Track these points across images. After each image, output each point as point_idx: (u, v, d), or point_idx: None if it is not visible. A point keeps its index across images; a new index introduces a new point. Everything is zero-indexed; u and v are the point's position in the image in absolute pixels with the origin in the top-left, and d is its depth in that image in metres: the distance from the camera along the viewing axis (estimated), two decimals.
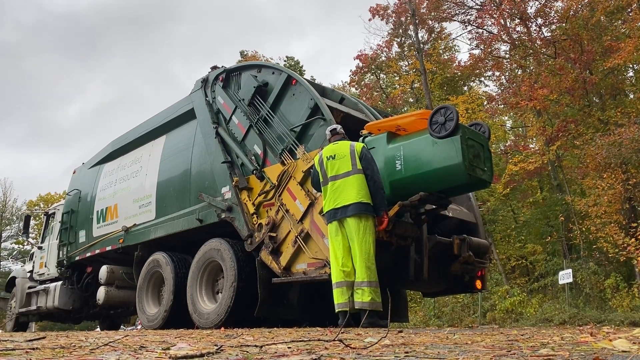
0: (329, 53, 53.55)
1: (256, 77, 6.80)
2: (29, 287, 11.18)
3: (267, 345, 2.31)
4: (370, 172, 4.92)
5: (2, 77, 57.77)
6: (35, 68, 59.61)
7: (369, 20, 25.86)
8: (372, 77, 27.59)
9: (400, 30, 24.38)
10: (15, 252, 35.84)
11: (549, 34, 18.70)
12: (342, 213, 4.86)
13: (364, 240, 4.74)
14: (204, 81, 7.72)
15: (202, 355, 1.78)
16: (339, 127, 5.37)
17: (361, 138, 5.56)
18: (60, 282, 10.17)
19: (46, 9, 60.21)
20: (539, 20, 18.95)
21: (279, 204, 5.95)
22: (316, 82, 11.07)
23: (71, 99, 61.81)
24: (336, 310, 4.83)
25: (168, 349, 2.25)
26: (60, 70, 61.70)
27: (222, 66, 7.63)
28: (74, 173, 11.05)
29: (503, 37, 19.44)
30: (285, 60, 29.45)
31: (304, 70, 29.82)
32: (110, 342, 2.75)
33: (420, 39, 23.23)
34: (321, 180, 5.12)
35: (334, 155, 5.05)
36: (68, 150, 60.30)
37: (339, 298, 4.79)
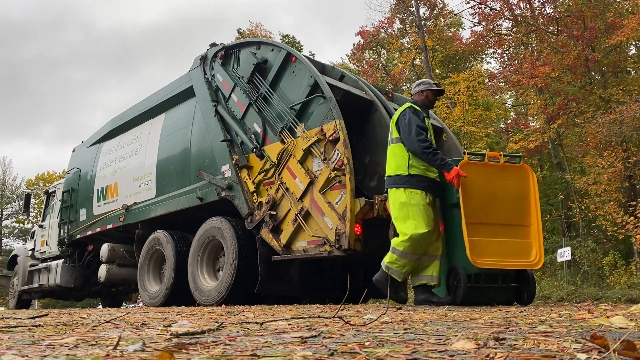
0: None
1: (255, 54, 6.71)
2: (31, 265, 11.25)
3: (267, 322, 2.33)
4: (404, 141, 4.64)
5: (47, 87, 62.46)
6: (77, 79, 63.52)
7: None
8: (373, 54, 27.29)
9: (402, 7, 24.03)
10: (17, 230, 35.97)
11: (552, 11, 18.46)
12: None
13: (392, 213, 4.71)
14: (203, 58, 7.61)
15: (203, 332, 1.80)
16: (415, 84, 5.07)
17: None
18: (61, 260, 10.22)
19: (95, 28, 62.81)
20: None
21: (278, 182, 5.94)
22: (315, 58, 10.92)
23: (101, 105, 64.43)
24: None
25: (169, 326, 2.27)
26: (97, 80, 64.51)
27: (221, 43, 7.53)
28: (73, 151, 11.01)
29: (505, 13, 19.19)
30: (282, 39, 29.04)
31: (302, 46, 29.45)
32: (112, 319, 2.77)
33: (421, 15, 22.93)
34: None
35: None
36: None
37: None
